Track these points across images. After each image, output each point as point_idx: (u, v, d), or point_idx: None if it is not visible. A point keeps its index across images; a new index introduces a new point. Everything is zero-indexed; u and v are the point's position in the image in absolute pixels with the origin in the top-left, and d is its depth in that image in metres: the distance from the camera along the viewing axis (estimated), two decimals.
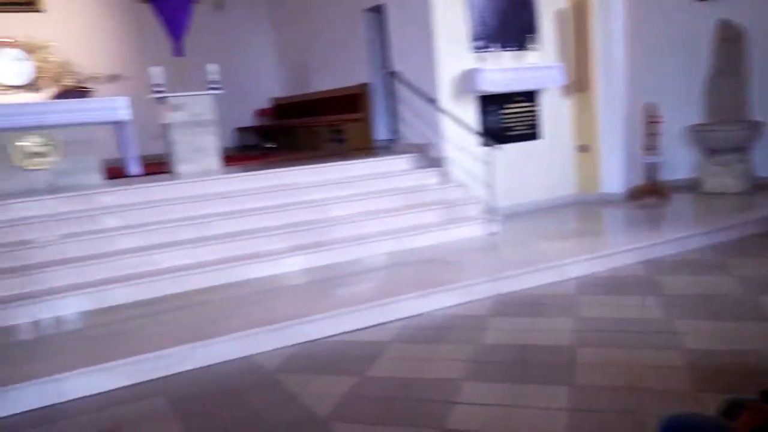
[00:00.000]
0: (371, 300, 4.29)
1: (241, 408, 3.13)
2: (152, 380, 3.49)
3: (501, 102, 7.12)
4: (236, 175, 6.26)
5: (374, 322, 4.14)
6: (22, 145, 5.97)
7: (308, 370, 3.54)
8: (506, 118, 7.21)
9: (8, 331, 4.18)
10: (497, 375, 3.27)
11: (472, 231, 6.05)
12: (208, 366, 3.63)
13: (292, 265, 5.22)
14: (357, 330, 4.06)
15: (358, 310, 4.16)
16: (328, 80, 9.95)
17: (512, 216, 6.64)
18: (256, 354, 3.75)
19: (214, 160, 6.77)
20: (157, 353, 3.55)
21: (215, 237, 5.35)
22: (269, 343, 3.83)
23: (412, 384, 3.25)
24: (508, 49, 7.05)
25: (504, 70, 6.91)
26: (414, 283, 4.59)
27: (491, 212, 6.12)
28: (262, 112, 11.78)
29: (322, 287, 4.76)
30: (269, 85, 11.86)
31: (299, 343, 3.89)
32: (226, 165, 7.01)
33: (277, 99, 11.77)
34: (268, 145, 10.80)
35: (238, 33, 11.61)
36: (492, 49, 6.94)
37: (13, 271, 4.65)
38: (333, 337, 3.97)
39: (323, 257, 5.36)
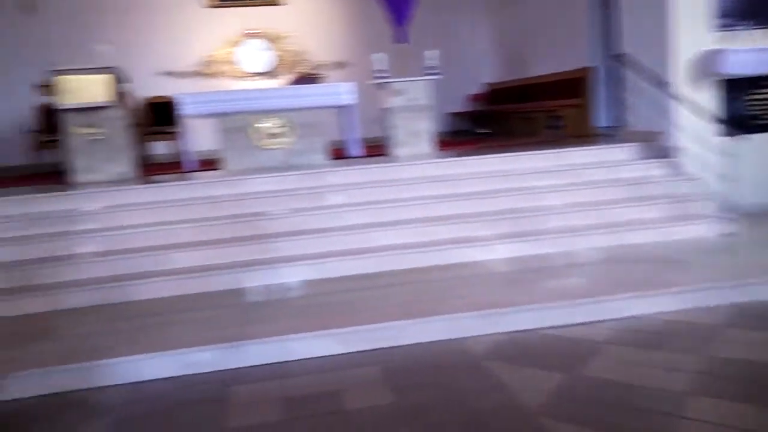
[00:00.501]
0: (584, 295, 4.08)
1: (449, 389, 3.19)
2: (368, 350, 3.68)
3: (749, 86, 6.29)
4: (450, 159, 6.35)
5: (586, 320, 3.93)
6: (262, 127, 6.66)
7: (516, 360, 3.48)
8: (755, 105, 6.36)
9: (243, 292, 4.69)
10: (731, 393, 2.92)
11: (703, 230, 5.45)
12: (420, 343, 3.73)
13: (502, 252, 5.17)
14: (567, 325, 3.89)
15: (569, 304, 3.99)
16: (544, 65, 9.65)
17: (756, 216, 5.86)
18: (465, 337, 3.78)
19: (428, 144, 6.96)
20: (373, 325, 3.75)
21: (428, 219, 5.49)
22: (477, 328, 3.83)
23: (629, 390, 3.03)
24: (761, 27, 6.20)
25: (755, 50, 6.08)
26: (631, 282, 4.28)
27: (729, 210, 5.46)
28: (475, 97, 11.80)
29: (531, 277, 4.64)
30: (482, 70, 11.84)
31: (507, 332, 3.84)
32: (440, 149, 7.16)
33: (491, 84, 11.71)
34: (482, 131, 10.80)
35: (453, 18, 11.73)
36: (740, 28, 6.16)
37: (251, 239, 5.21)
38: (541, 330, 3.86)
39: (534, 246, 5.22)
